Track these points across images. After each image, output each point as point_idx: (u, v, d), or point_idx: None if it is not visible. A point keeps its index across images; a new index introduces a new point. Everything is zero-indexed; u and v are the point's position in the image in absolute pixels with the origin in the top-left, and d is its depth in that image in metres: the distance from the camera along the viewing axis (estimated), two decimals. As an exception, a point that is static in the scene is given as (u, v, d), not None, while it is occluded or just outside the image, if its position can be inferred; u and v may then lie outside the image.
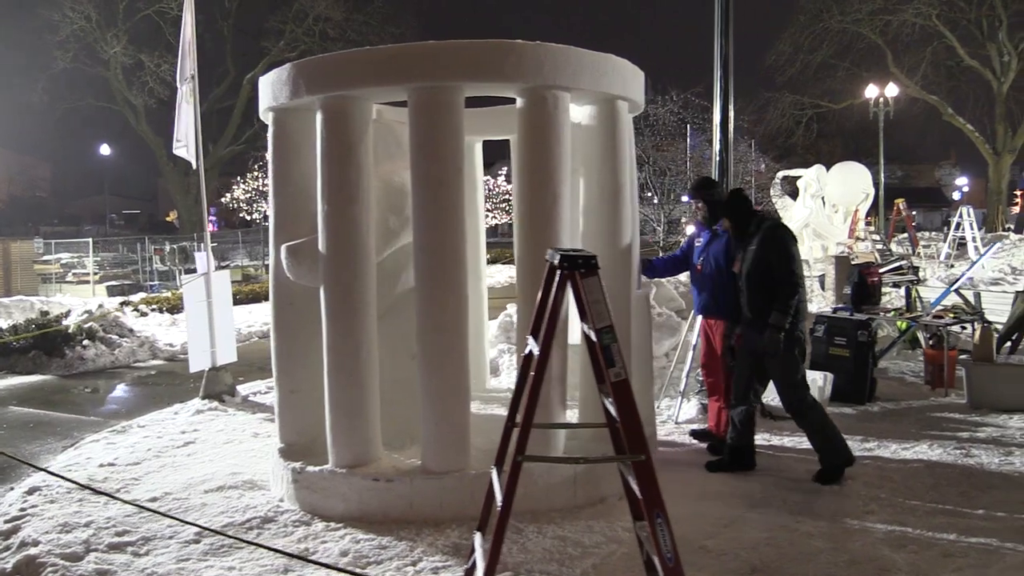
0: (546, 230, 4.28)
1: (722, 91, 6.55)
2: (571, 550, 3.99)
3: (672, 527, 4.33)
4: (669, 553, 3.06)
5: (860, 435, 6.03)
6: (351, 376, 4.46)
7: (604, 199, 4.68)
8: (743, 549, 3.97)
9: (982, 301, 8.86)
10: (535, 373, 3.05)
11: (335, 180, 4.36)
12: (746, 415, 5.23)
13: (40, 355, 10.42)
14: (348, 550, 4.03)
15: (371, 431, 4.55)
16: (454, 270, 4.23)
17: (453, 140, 4.20)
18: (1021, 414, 6.54)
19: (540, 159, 4.28)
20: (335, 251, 4.40)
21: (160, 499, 4.93)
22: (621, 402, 3.02)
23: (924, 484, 4.94)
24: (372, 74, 4.23)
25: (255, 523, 4.46)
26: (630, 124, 5.03)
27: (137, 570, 3.92)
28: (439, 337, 4.29)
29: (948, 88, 31.99)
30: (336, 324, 4.43)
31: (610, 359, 3.00)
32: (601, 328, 3.00)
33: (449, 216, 4.22)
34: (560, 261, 2.99)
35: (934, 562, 3.77)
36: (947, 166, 51.10)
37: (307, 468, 4.59)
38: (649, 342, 5.19)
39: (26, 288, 21.20)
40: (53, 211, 52.80)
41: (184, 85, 7.31)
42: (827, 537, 4.11)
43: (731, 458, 5.25)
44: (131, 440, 6.47)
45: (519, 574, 3.73)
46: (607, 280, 4.71)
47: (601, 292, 2.99)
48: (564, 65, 4.25)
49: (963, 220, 19.55)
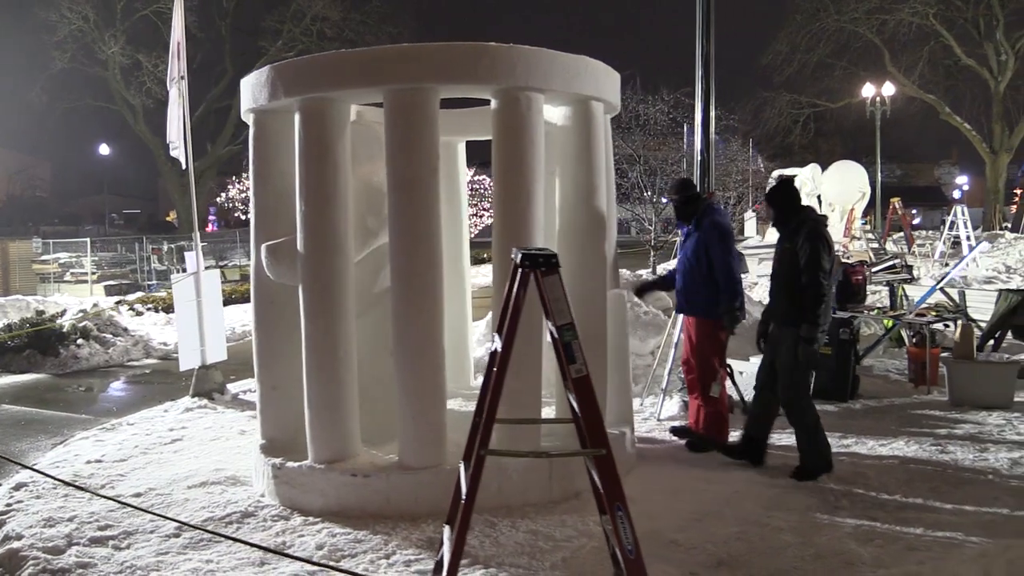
0: (520, 230, 4.35)
1: (703, 91, 6.61)
2: (542, 544, 4.06)
3: (646, 521, 4.43)
4: (630, 545, 3.12)
5: (839, 432, 6.10)
6: (329, 373, 4.54)
7: (579, 199, 4.75)
8: (712, 543, 4.04)
9: (967, 299, 8.93)
10: (497, 369, 3.12)
11: (313, 180, 4.44)
12: (760, 405, 5.26)
13: (35, 354, 10.50)
14: (324, 543, 4.11)
15: (349, 427, 4.63)
16: (428, 270, 4.30)
17: (428, 141, 4.27)
18: (1000, 411, 6.61)
19: (514, 159, 4.35)
20: (313, 250, 4.48)
21: (144, 495, 5.00)
22: (582, 398, 3.08)
23: (897, 480, 5.01)
24: (348, 76, 4.31)
25: (235, 517, 4.54)
26: (605, 125, 5.10)
27: (117, 563, 4.00)
28: (414, 335, 4.36)
29: (946, 87, 32.00)
30: (314, 322, 4.51)
31: (571, 356, 3.07)
32: (562, 325, 3.07)
33: (424, 216, 4.29)
34: (521, 259, 3.06)
35: (898, 555, 3.84)
36: (947, 165, 51.08)
37: (287, 464, 4.67)
38: (626, 340, 5.26)
39: (24, 288, 21.28)
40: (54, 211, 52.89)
41: (174, 86, 7.38)
42: (796, 531, 4.18)
43: (743, 446, 5.30)
44: (119, 437, 6.55)
45: (489, 567, 3.80)
46: (582, 279, 4.82)
47: (562, 290, 3.06)
48: (536, 67, 4.32)
49: (957, 219, 19.59)
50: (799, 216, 5.05)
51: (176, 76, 7.32)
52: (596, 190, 4.77)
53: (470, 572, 3.75)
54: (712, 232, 5.48)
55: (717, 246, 5.40)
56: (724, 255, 5.40)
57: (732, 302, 5.37)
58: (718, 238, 5.44)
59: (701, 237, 5.53)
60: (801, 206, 5.16)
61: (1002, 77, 29.55)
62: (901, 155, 48.57)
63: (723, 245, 5.43)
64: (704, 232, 5.53)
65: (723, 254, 5.41)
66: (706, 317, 5.55)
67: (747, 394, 6.76)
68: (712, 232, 5.48)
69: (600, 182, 4.80)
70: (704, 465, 5.38)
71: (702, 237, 5.52)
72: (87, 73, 28.18)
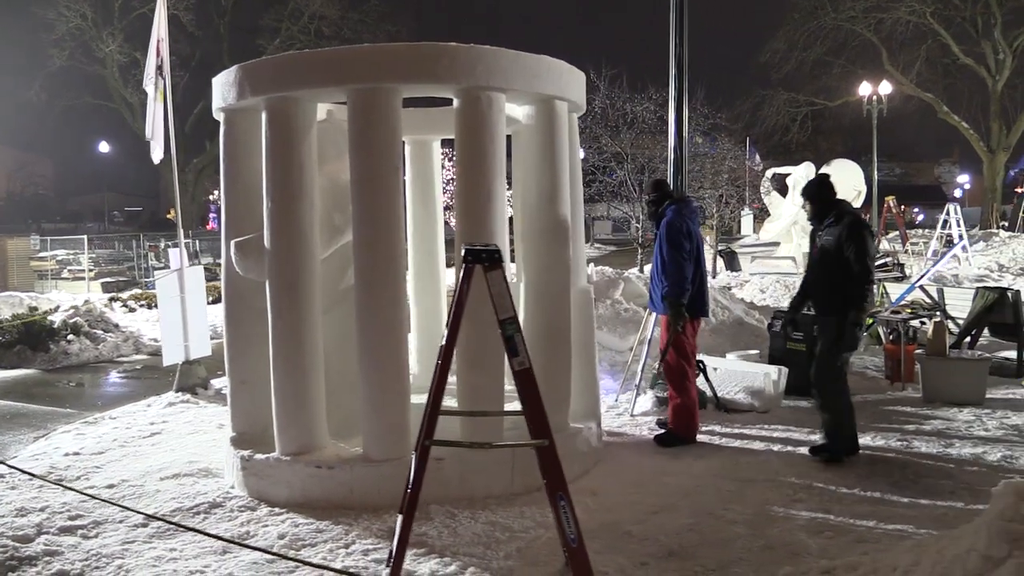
0: (481, 227, 4.43)
1: (677, 91, 6.68)
2: (499, 534, 4.14)
3: (604, 513, 4.51)
4: (572, 535, 3.22)
5: (808, 427, 6.17)
6: (295, 367, 4.62)
7: (542, 197, 4.83)
8: (666, 534, 4.12)
9: (945, 297, 8.99)
10: (441, 362, 3.20)
11: (279, 178, 4.52)
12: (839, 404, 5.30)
13: (25, 349, 10.60)
14: (286, 533, 4.20)
15: (315, 420, 4.71)
16: (390, 266, 4.38)
17: (389, 139, 4.35)
18: (972, 407, 6.68)
19: (474, 158, 4.43)
20: (279, 247, 4.56)
21: (117, 486, 5.10)
22: (525, 390, 3.17)
23: (858, 474, 5.08)
24: (312, 76, 4.39)
25: (203, 508, 4.63)
26: (570, 124, 5.18)
27: (83, 551, 4.09)
28: (377, 330, 4.44)
29: (944, 85, 31.99)
30: (280, 317, 4.60)
31: (513, 349, 3.16)
32: (504, 319, 3.15)
33: (386, 214, 4.38)
34: (464, 255, 3.14)
35: (845, 547, 3.91)
36: (947, 163, 51.07)
37: (255, 456, 4.76)
38: (592, 336, 5.34)
39: (23, 285, 21.39)
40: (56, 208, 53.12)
41: (150, 84, 7.45)
42: (749, 524, 4.25)
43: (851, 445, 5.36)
44: (100, 431, 6.65)
45: (444, 556, 3.88)
46: (547, 276, 4.90)
47: (505, 285, 3.14)
48: (497, 67, 4.39)
49: (950, 217, 19.65)
50: (837, 210, 5.28)
51: (154, 74, 7.39)
52: (559, 188, 4.85)
53: (424, 561, 3.84)
54: (664, 230, 5.62)
55: (666, 243, 5.56)
56: (672, 251, 5.53)
57: (673, 296, 5.51)
58: (667, 236, 5.57)
59: (659, 236, 5.68)
60: (838, 200, 5.37)
61: (1000, 76, 29.54)
62: (901, 153, 48.58)
63: (672, 242, 5.56)
64: (660, 230, 5.68)
65: (672, 250, 5.54)
66: (666, 313, 5.71)
67: (720, 391, 6.86)
68: (664, 230, 5.62)
69: (563, 180, 4.87)
70: (670, 459, 5.46)
71: (659, 235, 5.67)
72: (85, 71, 28.35)
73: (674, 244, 5.52)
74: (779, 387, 6.91)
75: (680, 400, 5.74)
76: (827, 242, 5.25)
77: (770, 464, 5.30)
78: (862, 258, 5.08)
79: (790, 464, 5.30)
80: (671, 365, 5.74)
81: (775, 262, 19.83)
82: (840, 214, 5.27)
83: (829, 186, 5.45)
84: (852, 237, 5.11)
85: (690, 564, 3.78)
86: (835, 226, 5.23)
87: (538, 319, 4.88)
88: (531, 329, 4.97)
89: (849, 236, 5.13)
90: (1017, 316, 7.91)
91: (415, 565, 3.80)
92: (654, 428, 6.17)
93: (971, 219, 33.28)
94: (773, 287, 15.04)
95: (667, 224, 5.58)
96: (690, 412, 5.75)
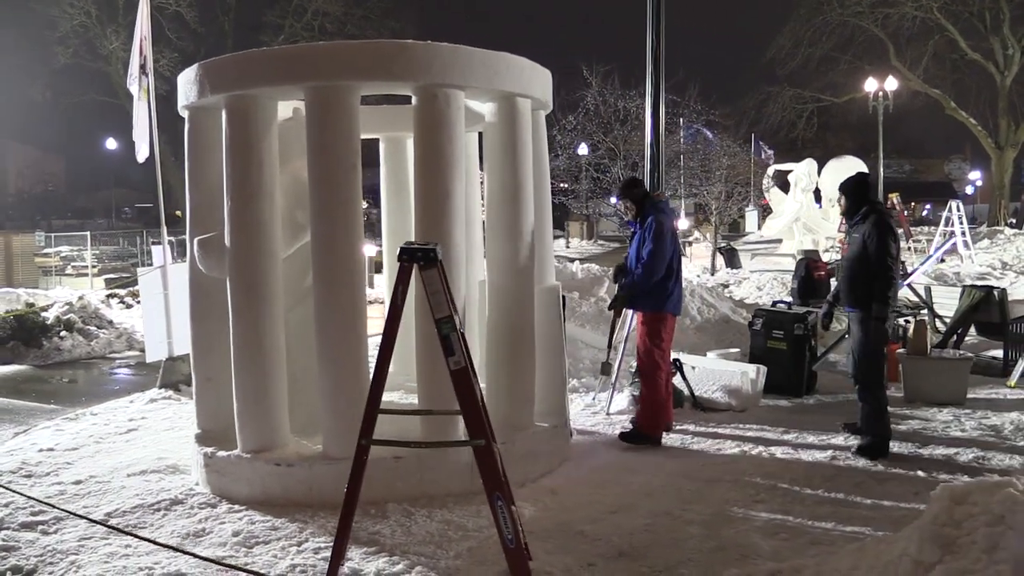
0: (438, 226, 4.42)
1: (653, 87, 6.64)
2: (452, 533, 4.13)
3: (561, 513, 4.50)
4: (510, 535, 3.21)
5: (783, 427, 6.15)
6: (256, 365, 4.63)
7: (505, 194, 4.81)
8: (619, 535, 4.10)
9: (933, 295, 8.91)
10: (378, 362, 3.20)
11: (238, 176, 4.53)
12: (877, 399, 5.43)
13: (18, 345, 10.69)
14: (241, 530, 4.21)
15: (276, 418, 4.72)
16: (348, 264, 4.38)
17: (347, 137, 4.35)
18: (952, 407, 6.62)
19: (432, 155, 4.42)
20: (239, 245, 4.57)
21: (84, 482, 5.12)
22: (460, 390, 3.16)
23: (824, 475, 5.04)
24: (270, 74, 4.39)
25: (164, 504, 4.65)
26: (538, 121, 5.16)
27: (40, 547, 4.12)
28: (336, 327, 4.44)
29: (952, 81, 31.69)
30: (240, 315, 4.61)
31: (450, 348, 3.14)
32: (440, 319, 3.14)
33: (344, 212, 4.37)
34: (400, 254, 3.14)
35: (798, 549, 3.88)
36: (957, 160, 50.60)
37: (217, 453, 4.77)
38: (559, 333, 5.32)
39: (27, 281, 21.59)
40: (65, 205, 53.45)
41: (135, 83, 7.47)
42: (706, 525, 4.23)
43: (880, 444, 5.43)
44: (79, 427, 6.68)
45: (394, 555, 3.87)
46: (510, 274, 4.88)
47: (441, 284, 3.13)
48: (454, 64, 4.38)
49: (952, 215, 19.48)
50: (866, 207, 5.48)
51: (137, 73, 7.41)
52: (522, 185, 4.83)
53: (373, 560, 3.83)
54: (652, 228, 5.61)
55: (653, 241, 5.54)
56: (659, 248, 5.55)
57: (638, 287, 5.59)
58: (655, 234, 5.56)
59: (641, 234, 5.66)
60: (871, 199, 5.62)
61: (1008, 72, 29.23)
62: (911, 150, 48.15)
63: (659, 240, 5.56)
64: (646, 228, 5.65)
65: (659, 247, 5.56)
66: (645, 310, 5.69)
67: (698, 390, 6.82)
68: (652, 228, 5.61)
69: (526, 177, 4.85)
70: (638, 458, 5.44)
71: (642, 234, 5.65)
72: (90, 68, 28.47)
73: (661, 242, 5.52)
74: (758, 386, 6.87)
75: (649, 396, 5.72)
76: (856, 240, 5.47)
77: (737, 464, 5.27)
78: (881, 254, 5.25)
79: (758, 464, 5.27)
80: (644, 359, 5.74)
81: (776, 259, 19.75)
82: (868, 211, 5.46)
83: (866, 184, 5.68)
84: (874, 234, 5.31)
85: (638, 565, 3.76)
86: (863, 222, 5.42)
87: (501, 317, 4.87)
88: (494, 327, 4.97)
89: (871, 232, 5.33)
90: (1003, 315, 7.83)
91: (364, 564, 3.80)
92: (627, 427, 6.15)
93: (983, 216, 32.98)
94: (770, 284, 14.97)
95: (655, 222, 5.57)
96: (657, 409, 5.73)
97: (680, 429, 6.15)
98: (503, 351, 4.89)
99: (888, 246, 5.27)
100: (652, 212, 5.71)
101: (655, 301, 5.69)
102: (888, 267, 5.25)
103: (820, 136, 40.19)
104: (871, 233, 5.30)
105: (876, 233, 5.29)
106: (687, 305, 8.91)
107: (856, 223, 5.49)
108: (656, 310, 5.70)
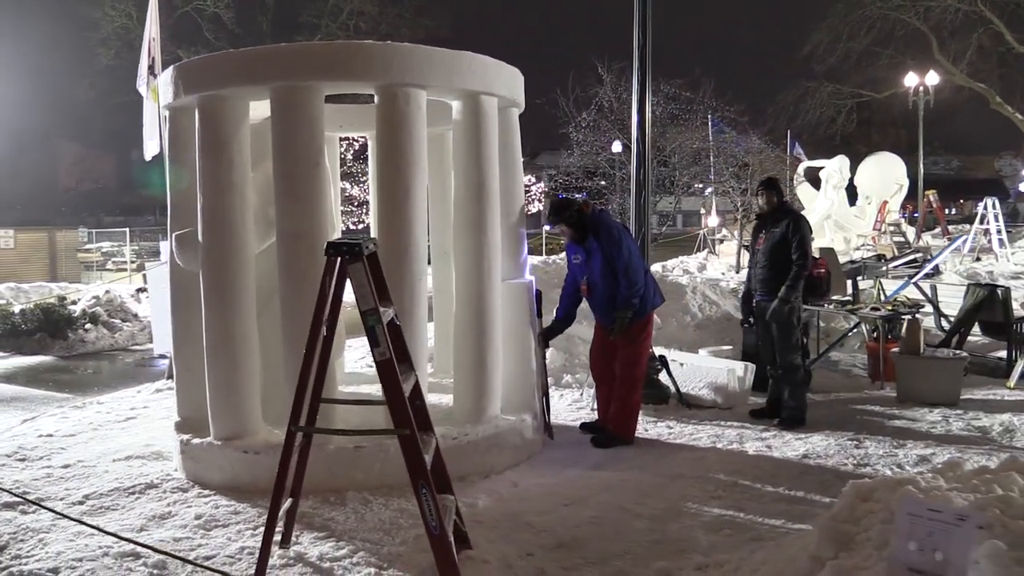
0: (399, 224, 4.53)
1: (640, 83, 6.64)
2: (404, 521, 4.24)
3: (515, 503, 4.57)
4: (434, 523, 3.29)
5: (763, 425, 6.12)
6: (227, 357, 4.80)
7: (469, 192, 4.89)
8: (565, 527, 4.15)
9: (939, 294, 8.73)
10: (306, 351, 3.31)
11: (210, 174, 4.70)
12: (794, 370, 6.07)
13: (45, 337, 11.15)
14: (203, 514, 4.38)
15: (247, 408, 4.89)
16: (309, 259, 4.50)
17: (309, 136, 4.48)
18: (944, 407, 6.50)
19: (393, 154, 4.53)
20: (210, 240, 4.74)
21: (72, 466, 5.37)
22: (385, 380, 3.26)
23: (790, 473, 5.02)
24: (236, 74, 4.54)
25: (139, 488, 4.86)
26: (508, 119, 5.22)
27: (15, 525, 4.33)
28: (300, 321, 4.57)
29: (999, 75, 30.66)
30: (211, 308, 4.78)
31: (374, 340, 3.25)
32: (366, 311, 3.24)
33: (309, 210, 4.51)
34: (326, 248, 3.25)
35: (735, 545, 3.87)
36: (1008, 156, 48.94)
37: (192, 440, 4.97)
38: (528, 331, 5.38)
39: (70, 275, 22.40)
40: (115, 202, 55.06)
41: (143, 84, 7.74)
42: (654, 519, 4.26)
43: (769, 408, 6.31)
44: (83, 415, 6.98)
45: (340, 541, 4.00)
46: (476, 271, 4.97)
47: (365, 277, 3.23)
48: (413, 63, 4.48)
49: (987, 212, 18.92)
50: (783, 208, 6.23)
51: (146, 74, 7.67)
52: (486, 182, 4.91)
53: (319, 544, 3.97)
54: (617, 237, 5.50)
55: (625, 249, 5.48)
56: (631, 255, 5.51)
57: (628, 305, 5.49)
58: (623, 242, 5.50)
59: (605, 249, 5.49)
60: (783, 200, 6.32)
61: (1057, 65, 28.21)
62: (958, 145, 46.78)
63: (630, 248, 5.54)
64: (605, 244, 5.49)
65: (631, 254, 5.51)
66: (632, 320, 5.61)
67: (685, 386, 6.82)
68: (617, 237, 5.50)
69: (490, 174, 4.93)
70: (609, 454, 5.48)
71: (606, 249, 5.48)
72: (132, 69, 29.26)
73: (623, 249, 5.43)
74: (745, 383, 6.83)
75: (627, 399, 5.72)
76: (776, 235, 6.07)
77: (705, 460, 5.28)
78: (803, 250, 5.96)
79: (726, 460, 5.27)
80: (625, 368, 5.68)
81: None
82: (788, 211, 6.25)
83: (780, 187, 6.40)
84: (797, 233, 6.01)
85: (574, 555, 3.82)
86: (783, 221, 6.10)
87: (465, 312, 4.96)
88: (459, 321, 5.06)
89: (795, 231, 6.02)
90: (1007, 314, 7.64)
91: (310, 548, 3.94)
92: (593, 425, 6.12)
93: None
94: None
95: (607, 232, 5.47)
96: (633, 412, 5.75)
97: (662, 425, 6.18)
98: (467, 345, 4.98)
99: (807, 244, 6.00)
100: (592, 226, 5.55)
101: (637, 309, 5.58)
102: (805, 264, 5.96)
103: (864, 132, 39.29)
104: (795, 232, 5.96)
105: (799, 233, 5.96)
106: (687, 302, 8.88)
107: (776, 222, 6.08)
108: (639, 316, 5.63)
